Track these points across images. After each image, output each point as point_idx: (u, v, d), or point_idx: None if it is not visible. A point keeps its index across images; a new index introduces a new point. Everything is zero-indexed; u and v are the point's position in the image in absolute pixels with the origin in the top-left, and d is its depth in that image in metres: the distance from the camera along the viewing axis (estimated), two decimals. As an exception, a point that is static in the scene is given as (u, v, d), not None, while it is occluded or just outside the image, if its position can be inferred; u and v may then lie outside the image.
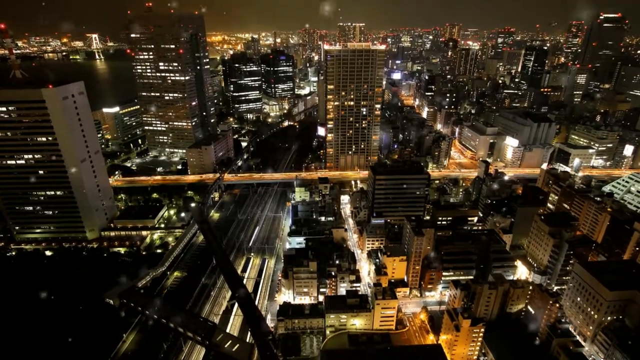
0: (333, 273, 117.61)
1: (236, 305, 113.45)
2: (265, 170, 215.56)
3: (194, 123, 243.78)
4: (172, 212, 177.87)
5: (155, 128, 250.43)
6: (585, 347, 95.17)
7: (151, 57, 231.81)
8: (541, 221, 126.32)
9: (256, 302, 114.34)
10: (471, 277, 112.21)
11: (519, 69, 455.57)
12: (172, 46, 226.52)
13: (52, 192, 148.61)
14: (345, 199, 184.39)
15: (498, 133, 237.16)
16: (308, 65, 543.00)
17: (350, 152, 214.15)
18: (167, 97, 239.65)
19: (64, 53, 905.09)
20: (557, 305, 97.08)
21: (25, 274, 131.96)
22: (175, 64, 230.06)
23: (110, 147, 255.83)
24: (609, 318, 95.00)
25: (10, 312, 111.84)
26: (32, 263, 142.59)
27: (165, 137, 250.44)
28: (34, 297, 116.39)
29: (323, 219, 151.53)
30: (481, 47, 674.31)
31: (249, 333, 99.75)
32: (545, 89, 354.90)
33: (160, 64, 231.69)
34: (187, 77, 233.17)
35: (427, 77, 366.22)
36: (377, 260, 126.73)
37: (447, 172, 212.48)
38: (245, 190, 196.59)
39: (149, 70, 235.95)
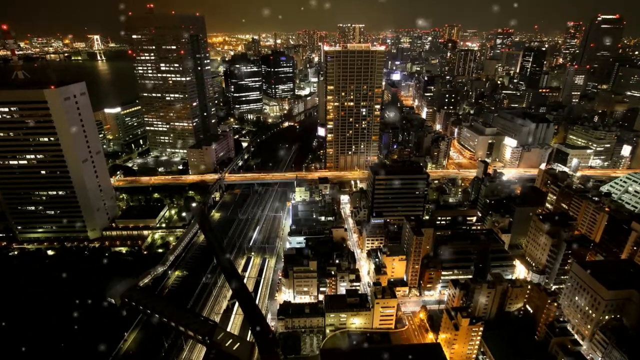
0: (333, 272, 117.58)
1: (237, 304, 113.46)
2: (265, 170, 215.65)
3: (194, 123, 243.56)
4: (173, 211, 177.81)
5: (156, 128, 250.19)
6: (583, 346, 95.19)
7: (152, 58, 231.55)
8: (539, 221, 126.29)
9: (257, 301, 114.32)
10: (470, 277, 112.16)
11: (518, 70, 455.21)
12: (173, 47, 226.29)
13: (54, 192, 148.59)
14: (345, 198, 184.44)
15: (497, 133, 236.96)
16: (308, 66, 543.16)
17: (350, 153, 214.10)
18: (168, 98, 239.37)
19: (66, 54, 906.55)
20: (556, 304, 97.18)
21: (27, 274, 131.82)
22: (177, 65, 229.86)
23: (112, 147, 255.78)
24: (606, 317, 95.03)
25: (12, 311, 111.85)
26: (34, 262, 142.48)
27: (167, 138, 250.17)
28: (35, 297, 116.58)
29: (323, 218, 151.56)
30: (480, 48, 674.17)
31: (250, 332, 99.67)
32: (544, 90, 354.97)
33: (162, 64, 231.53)
34: (188, 78, 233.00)
35: (426, 78, 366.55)
36: (377, 259, 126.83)
37: (446, 172, 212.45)
38: (246, 190, 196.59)
39: (150, 71, 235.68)
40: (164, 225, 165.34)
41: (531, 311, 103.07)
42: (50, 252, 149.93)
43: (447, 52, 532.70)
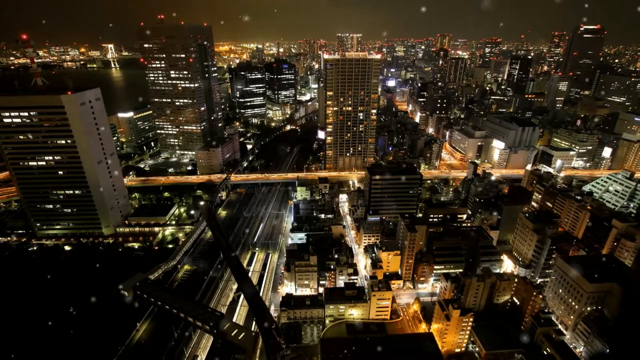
0: (332, 267, 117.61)
1: (242, 296, 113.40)
2: (268, 171, 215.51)
3: (202, 127, 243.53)
4: (182, 209, 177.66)
5: (166, 131, 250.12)
6: (566, 336, 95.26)
7: (163, 65, 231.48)
8: (526, 218, 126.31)
9: (261, 294, 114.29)
10: (461, 271, 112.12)
11: (505, 77, 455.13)
12: (183, 55, 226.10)
13: (71, 191, 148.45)
14: (343, 197, 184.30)
15: (486, 136, 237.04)
16: (309, 73, 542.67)
17: (348, 154, 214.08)
18: (177, 103, 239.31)
19: (82, 62, 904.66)
20: (541, 296, 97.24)
21: (46, 267, 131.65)
22: (185, 72, 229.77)
23: (125, 150, 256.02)
24: (588, 308, 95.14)
25: (32, 303, 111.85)
26: (52, 257, 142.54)
27: (176, 140, 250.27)
28: (53, 289, 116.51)
29: (323, 216, 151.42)
30: (470, 57, 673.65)
31: (254, 322, 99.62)
32: (530, 95, 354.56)
33: (171, 72, 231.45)
34: (196, 85, 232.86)
35: (419, 84, 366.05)
36: (373, 254, 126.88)
37: (438, 173, 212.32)
38: (250, 190, 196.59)
39: (160, 78, 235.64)
40: (173, 222, 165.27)
41: (518, 303, 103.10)
42: (67, 248, 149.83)
43: (439, 60, 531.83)
